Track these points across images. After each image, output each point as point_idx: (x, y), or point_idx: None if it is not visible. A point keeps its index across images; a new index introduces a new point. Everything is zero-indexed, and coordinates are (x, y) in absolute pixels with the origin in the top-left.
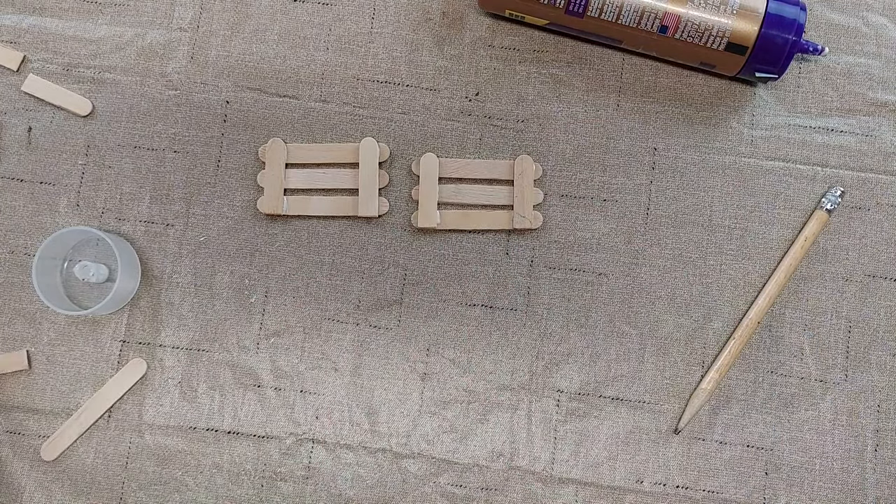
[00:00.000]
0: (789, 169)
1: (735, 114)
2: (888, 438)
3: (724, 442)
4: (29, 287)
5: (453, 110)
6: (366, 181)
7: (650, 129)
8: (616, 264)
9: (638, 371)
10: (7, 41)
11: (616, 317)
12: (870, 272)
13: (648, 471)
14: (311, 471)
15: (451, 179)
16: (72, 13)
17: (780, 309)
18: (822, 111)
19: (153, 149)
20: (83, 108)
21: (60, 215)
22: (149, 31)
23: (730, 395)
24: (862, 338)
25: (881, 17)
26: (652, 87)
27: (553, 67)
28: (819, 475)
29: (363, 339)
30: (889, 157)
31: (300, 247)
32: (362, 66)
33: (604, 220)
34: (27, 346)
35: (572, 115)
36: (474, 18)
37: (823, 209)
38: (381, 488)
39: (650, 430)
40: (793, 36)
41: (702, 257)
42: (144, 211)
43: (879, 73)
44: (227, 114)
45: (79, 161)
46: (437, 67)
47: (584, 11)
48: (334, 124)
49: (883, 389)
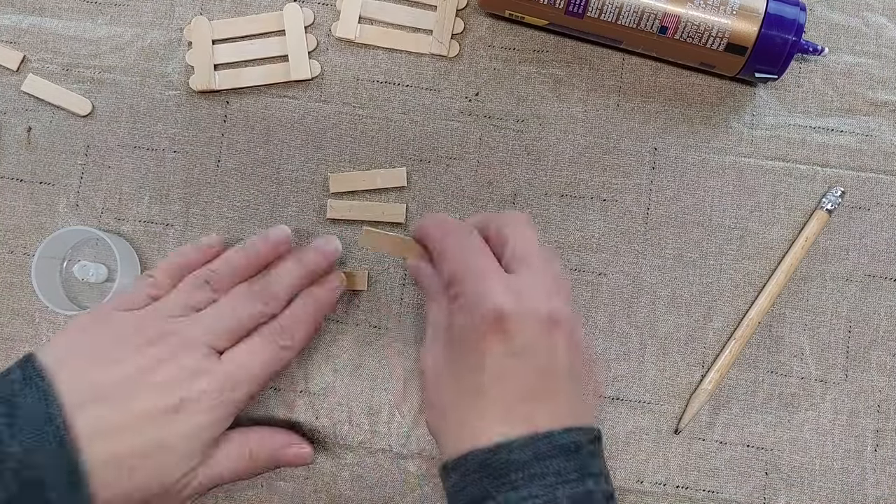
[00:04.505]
0: (789, 169)
1: (735, 114)
2: (888, 438)
3: (724, 442)
4: (28, 287)
5: (453, 110)
6: (294, 45)
7: (650, 129)
8: (616, 264)
9: (638, 371)
10: (7, 41)
11: (616, 317)
12: (870, 272)
13: (648, 471)
14: (311, 471)
15: None
16: (72, 13)
17: (780, 309)
18: (822, 111)
19: (153, 149)
20: (83, 108)
21: (60, 215)
22: (149, 31)
23: (730, 395)
24: (862, 338)
25: (881, 17)
26: (652, 87)
27: (553, 67)
28: (819, 475)
29: (363, 339)
30: (889, 157)
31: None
32: (362, 66)
33: (604, 220)
34: (26, 346)
35: (572, 115)
36: (474, 18)
37: (824, 209)
38: (381, 488)
39: (650, 430)
40: (793, 36)
41: (702, 257)
42: (144, 211)
43: (879, 73)
44: (227, 114)
45: (78, 161)
46: (436, 67)
47: (584, 12)
48: (334, 124)
49: (883, 389)
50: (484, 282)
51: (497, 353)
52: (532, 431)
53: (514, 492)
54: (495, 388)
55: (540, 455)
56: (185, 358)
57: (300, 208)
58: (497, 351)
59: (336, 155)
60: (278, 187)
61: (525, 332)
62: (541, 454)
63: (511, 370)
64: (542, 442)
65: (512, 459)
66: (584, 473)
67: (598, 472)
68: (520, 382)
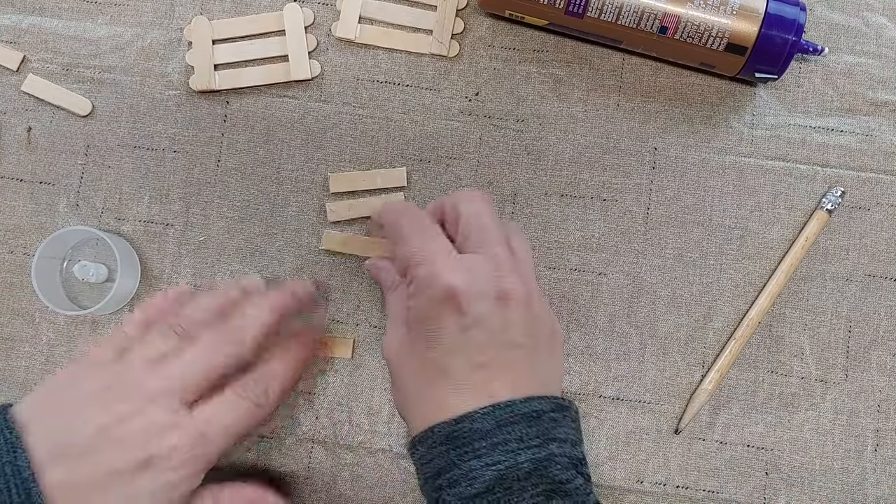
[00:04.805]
0: (789, 169)
1: (735, 114)
2: (888, 438)
3: (724, 442)
4: (28, 287)
5: (453, 110)
6: (294, 45)
7: (650, 129)
8: (616, 264)
9: (638, 371)
10: (7, 41)
11: (616, 317)
12: (870, 272)
13: (648, 471)
14: (311, 471)
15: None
16: (72, 13)
17: (780, 309)
18: (822, 111)
19: (153, 149)
20: (83, 108)
21: (60, 215)
22: (149, 31)
23: (730, 395)
24: (862, 338)
25: (881, 17)
26: (652, 87)
27: (553, 67)
28: (819, 475)
29: (363, 339)
30: (889, 157)
31: (302, 248)
32: (362, 66)
33: (604, 220)
34: (26, 346)
35: (572, 115)
36: (474, 18)
37: (824, 209)
38: (381, 488)
39: (650, 430)
40: (793, 36)
41: (702, 257)
42: (144, 211)
43: (879, 73)
44: (227, 114)
45: (78, 161)
46: (437, 67)
47: (584, 12)
48: (334, 124)
49: (883, 389)
50: (435, 263)
51: (452, 329)
52: (493, 402)
53: (478, 460)
54: (453, 362)
55: (502, 423)
56: (155, 412)
57: (300, 208)
58: (452, 326)
59: (336, 155)
60: (278, 187)
61: (477, 307)
62: (503, 422)
63: (467, 344)
64: (502, 410)
65: (475, 429)
66: (546, 439)
67: (563, 438)
68: (476, 355)
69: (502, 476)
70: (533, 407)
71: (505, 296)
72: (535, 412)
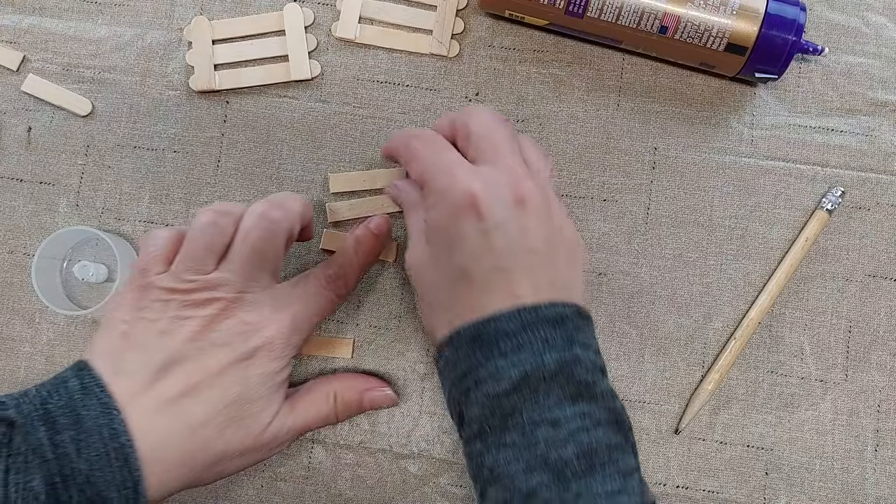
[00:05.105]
0: (789, 169)
1: (735, 114)
2: (888, 438)
3: (724, 442)
4: (28, 287)
5: (453, 110)
6: (294, 45)
7: (650, 129)
8: (616, 264)
9: (638, 371)
10: (7, 41)
11: (616, 317)
12: (870, 272)
13: (648, 471)
14: (311, 471)
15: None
16: (72, 13)
17: (780, 309)
18: (822, 111)
19: (153, 149)
20: (83, 108)
21: (60, 215)
22: (149, 31)
23: (730, 395)
24: (862, 338)
25: (881, 17)
26: (652, 87)
27: (553, 67)
28: (819, 475)
29: (363, 339)
30: (889, 157)
31: (300, 246)
32: (362, 66)
33: (604, 219)
34: (26, 346)
35: (572, 115)
36: (474, 18)
37: (824, 209)
38: (381, 488)
39: (650, 430)
40: (793, 36)
41: (702, 257)
42: (144, 211)
43: (879, 73)
44: (227, 114)
45: (78, 161)
46: (437, 67)
47: (584, 12)
48: (334, 124)
49: (883, 389)
50: (452, 173)
51: (472, 234)
52: (518, 303)
53: (503, 358)
54: (476, 266)
55: (527, 324)
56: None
57: None
58: (472, 231)
59: (336, 155)
60: (278, 187)
61: (495, 211)
62: (527, 323)
63: (488, 248)
64: (527, 313)
65: (500, 328)
66: (571, 341)
67: (588, 344)
68: (498, 259)
69: (528, 375)
70: (557, 311)
71: (522, 200)
72: (559, 316)
